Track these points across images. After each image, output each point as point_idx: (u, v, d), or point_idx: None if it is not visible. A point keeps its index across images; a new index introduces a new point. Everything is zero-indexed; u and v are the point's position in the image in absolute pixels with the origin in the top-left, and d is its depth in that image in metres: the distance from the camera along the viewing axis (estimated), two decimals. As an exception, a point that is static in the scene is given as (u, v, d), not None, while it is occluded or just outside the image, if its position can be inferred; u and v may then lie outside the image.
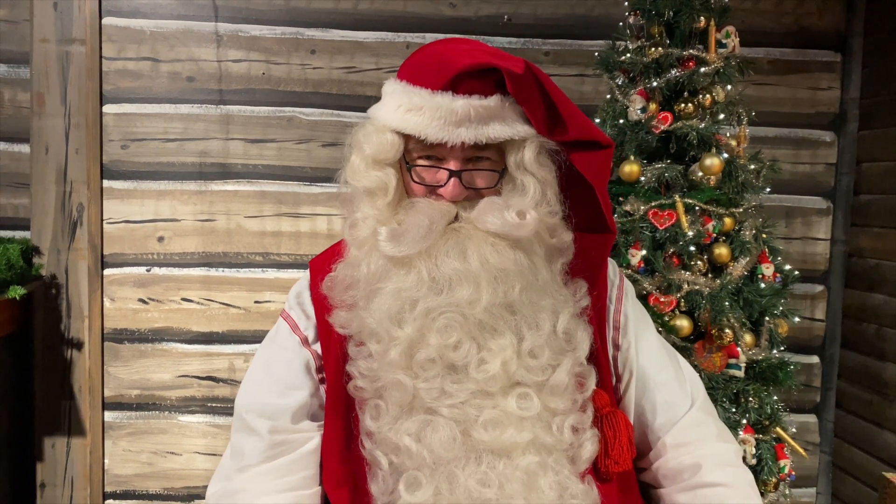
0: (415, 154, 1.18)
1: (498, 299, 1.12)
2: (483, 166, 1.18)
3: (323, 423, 1.27)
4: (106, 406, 2.62)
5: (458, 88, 1.11)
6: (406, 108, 1.14)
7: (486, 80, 1.12)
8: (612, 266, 1.36)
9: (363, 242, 1.19)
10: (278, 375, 1.28)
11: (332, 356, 1.24)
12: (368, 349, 1.16)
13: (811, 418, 2.77)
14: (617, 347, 1.32)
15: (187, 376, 2.64)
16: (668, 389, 1.31)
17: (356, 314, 1.18)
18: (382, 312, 1.13)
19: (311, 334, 1.29)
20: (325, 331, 1.25)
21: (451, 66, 1.11)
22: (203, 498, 1.87)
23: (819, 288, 2.76)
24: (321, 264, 1.29)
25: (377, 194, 1.18)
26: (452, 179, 1.15)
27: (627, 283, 1.38)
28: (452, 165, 1.15)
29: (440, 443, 1.09)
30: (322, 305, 1.25)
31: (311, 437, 1.26)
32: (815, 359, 2.76)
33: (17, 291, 2.20)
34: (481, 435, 1.09)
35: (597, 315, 1.27)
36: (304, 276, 1.35)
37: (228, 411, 2.63)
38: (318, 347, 1.28)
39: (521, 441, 1.10)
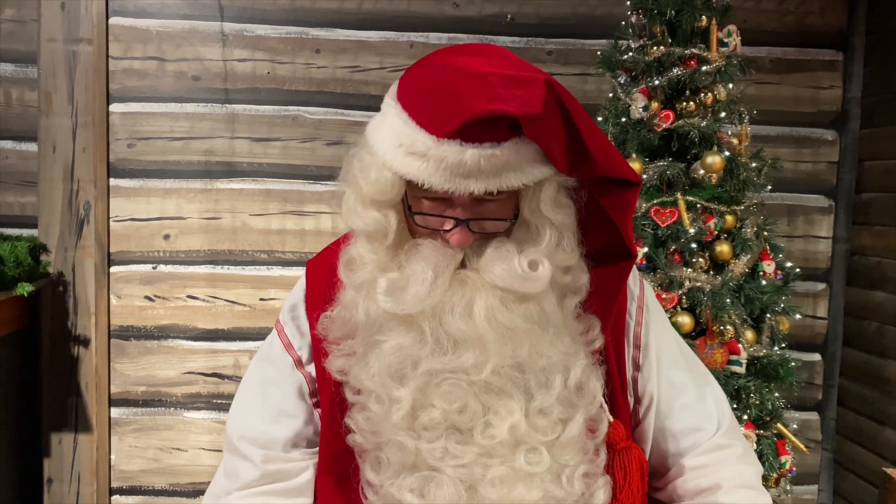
0: (418, 194, 1.04)
1: (506, 361, 1.03)
2: (493, 211, 1.05)
3: (318, 450, 1.23)
4: (112, 402, 2.64)
5: (467, 136, 0.97)
6: (407, 150, 1.01)
7: (500, 122, 0.97)
8: (632, 274, 1.22)
9: (361, 287, 1.09)
10: (271, 400, 1.22)
11: (327, 382, 1.18)
12: (365, 401, 1.09)
13: (813, 416, 2.78)
14: (637, 368, 1.23)
15: (193, 373, 2.66)
16: (693, 413, 1.22)
17: (353, 365, 1.10)
18: (382, 368, 1.05)
19: (304, 354, 1.22)
20: (319, 350, 1.18)
21: (459, 112, 0.96)
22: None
23: (821, 286, 2.77)
24: (316, 276, 1.21)
25: (376, 238, 1.07)
26: (459, 227, 1.03)
27: (648, 291, 1.26)
28: (459, 213, 1.03)
29: (445, 501, 1.03)
30: (318, 338, 1.18)
31: (305, 468, 1.22)
32: (817, 356, 2.77)
33: (24, 289, 2.22)
34: (488, 492, 1.03)
35: (615, 335, 1.18)
36: (299, 284, 1.26)
37: (234, 408, 2.65)
38: (311, 370, 1.21)
39: (531, 499, 1.03)
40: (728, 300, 1.98)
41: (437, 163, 0.99)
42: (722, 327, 1.97)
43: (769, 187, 2.15)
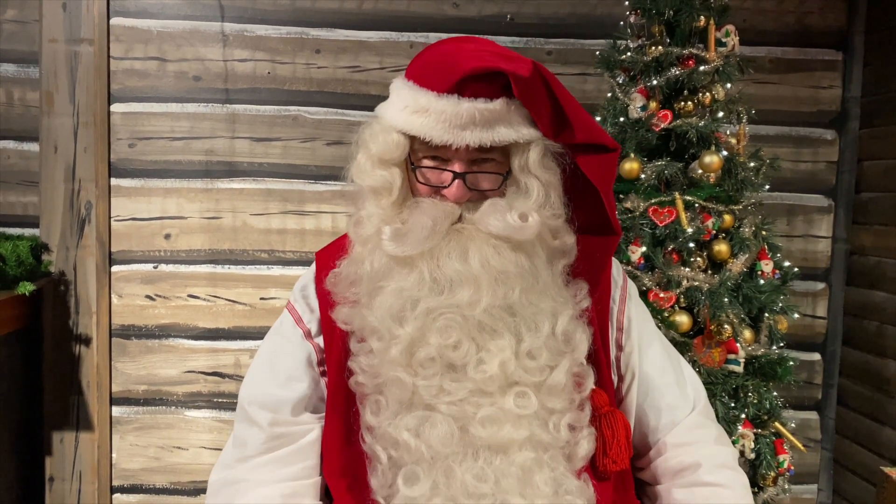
0: (420, 154, 1.19)
1: (498, 301, 1.13)
2: (488, 168, 1.18)
3: (323, 415, 1.29)
4: (113, 401, 2.66)
5: (463, 91, 1.12)
6: (412, 110, 1.15)
7: (493, 83, 1.12)
8: (616, 266, 1.36)
9: (367, 240, 1.20)
10: (281, 367, 1.31)
11: (335, 350, 1.26)
12: (369, 345, 1.18)
13: (813, 415, 2.79)
14: (620, 348, 1.33)
15: (193, 372, 2.67)
16: (671, 393, 1.33)
17: (358, 311, 1.20)
18: (384, 310, 1.15)
19: (314, 327, 1.31)
20: (328, 325, 1.28)
21: (456, 69, 1.11)
22: (209, 491, 1.91)
23: (821, 285, 2.77)
24: (327, 258, 1.30)
25: (382, 193, 1.19)
26: (456, 181, 1.16)
27: (631, 284, 1.39)
28: (457, 167, 1.16)
29: (438, 438, 1.11)
30: (326, 300, 1.27)
31: (310, 429, 1.28)
32: (816, 356, 2.78)
33: (26, 288, 2.23)
34: (479, 431, 1.11)
35: (599, 315, 1.28)
36: (309, 268, 1.36)
37: (234, 406, 2.65)
38: (320, 341, 1.30)
39: (518, 438, 1.12)
40: (726, 299, 1.98)
41: (437, 116, 1.13)
42: (720, 326, 1.98)
43: (767, 187, 2.15)
